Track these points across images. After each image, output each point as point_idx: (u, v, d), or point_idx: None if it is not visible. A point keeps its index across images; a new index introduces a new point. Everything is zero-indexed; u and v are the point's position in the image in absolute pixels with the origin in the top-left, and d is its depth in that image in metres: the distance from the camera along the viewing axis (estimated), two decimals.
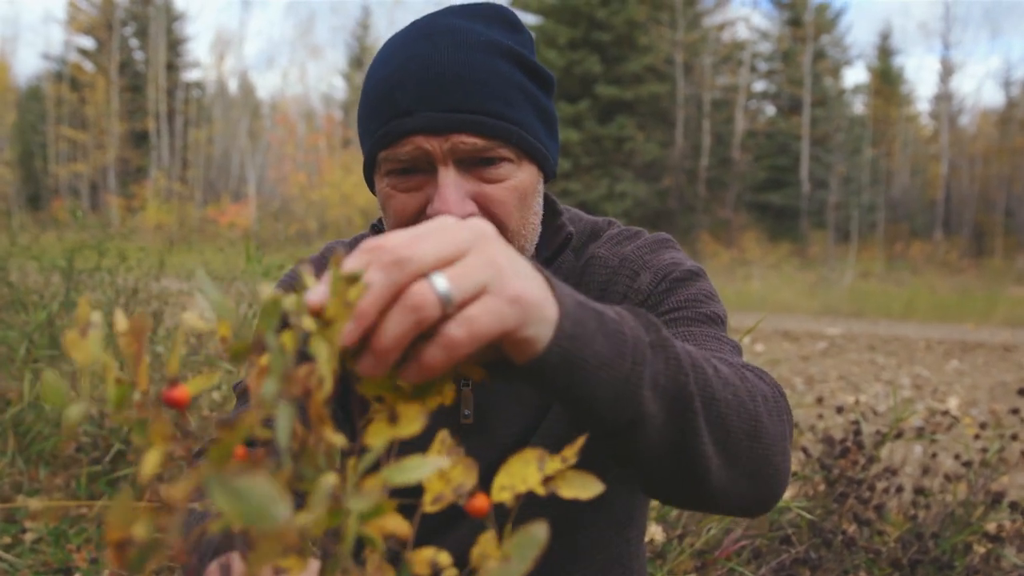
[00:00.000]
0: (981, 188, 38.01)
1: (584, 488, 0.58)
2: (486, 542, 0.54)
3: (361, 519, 0.50)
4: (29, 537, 2.62)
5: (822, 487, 2.69)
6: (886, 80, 39.95)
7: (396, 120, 1.15)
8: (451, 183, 1.15)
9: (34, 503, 2.73)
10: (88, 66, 42.38)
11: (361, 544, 0.52)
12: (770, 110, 38.52)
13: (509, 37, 1.20)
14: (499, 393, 1.33)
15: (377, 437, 0.55)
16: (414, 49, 1.16)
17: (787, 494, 2.80)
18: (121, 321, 0.51)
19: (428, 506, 0.58)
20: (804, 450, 2.83)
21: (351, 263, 0.62)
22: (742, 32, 47.21)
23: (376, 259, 0.62)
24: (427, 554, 0.55)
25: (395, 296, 0.61)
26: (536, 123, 1.21)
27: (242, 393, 1.38)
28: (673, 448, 0.86)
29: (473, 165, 1.17)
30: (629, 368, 0.78)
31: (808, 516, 2.37)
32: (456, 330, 0.62)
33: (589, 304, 0.77)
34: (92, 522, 2.71)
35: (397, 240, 0.63)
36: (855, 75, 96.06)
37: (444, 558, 0.54)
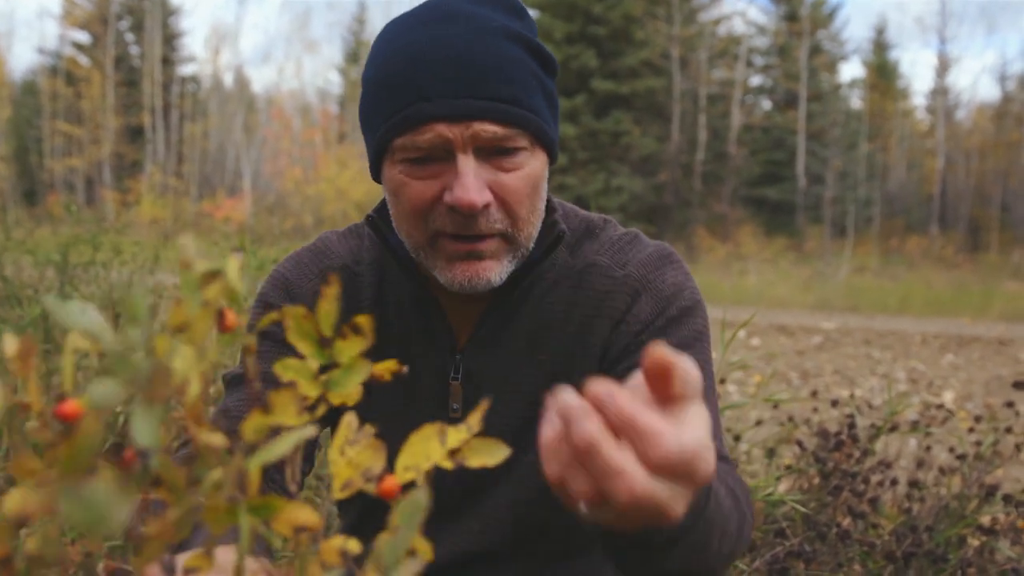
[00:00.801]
0: (977, 183, 38.05)
1: (490, 455, 0.58)
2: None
3: (259, 514, 0.49)
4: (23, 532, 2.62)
5: (816, 480, 2.69)
6: (882, 75, 39.96)
7: (415, 105, 1.13)
8: (471, 171, 1.14)
9: None
10: (83, 60, 42.29)
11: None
12: (766, 105, 38.52)
13: (516, 22, 1.19)
14: (489, 389, 1.33)
15: (254, 430, 0.53)
16: (429, 32, 1.14)
17: (781, 487, 2.80)
18: (10, 344, 0.50)
19: (337, 493, 0.57)
20: (799, 443, 2.83)
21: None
22: (738, 27, 47.26)
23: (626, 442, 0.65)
24: (336, 543, 0.54)
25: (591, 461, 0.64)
26: (546, 110, 1.20)
27: (230, 382, 1.37)
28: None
29: (491, 154, 1.16)
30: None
31: (802, 509, 2.37)
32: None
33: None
34: None
35: (653, 429, 0.64)
36: (851, 70, 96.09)
37: (354, 545, 0.53)
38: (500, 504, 1.36)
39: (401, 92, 1.14)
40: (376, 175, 1.26)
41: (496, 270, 1.21)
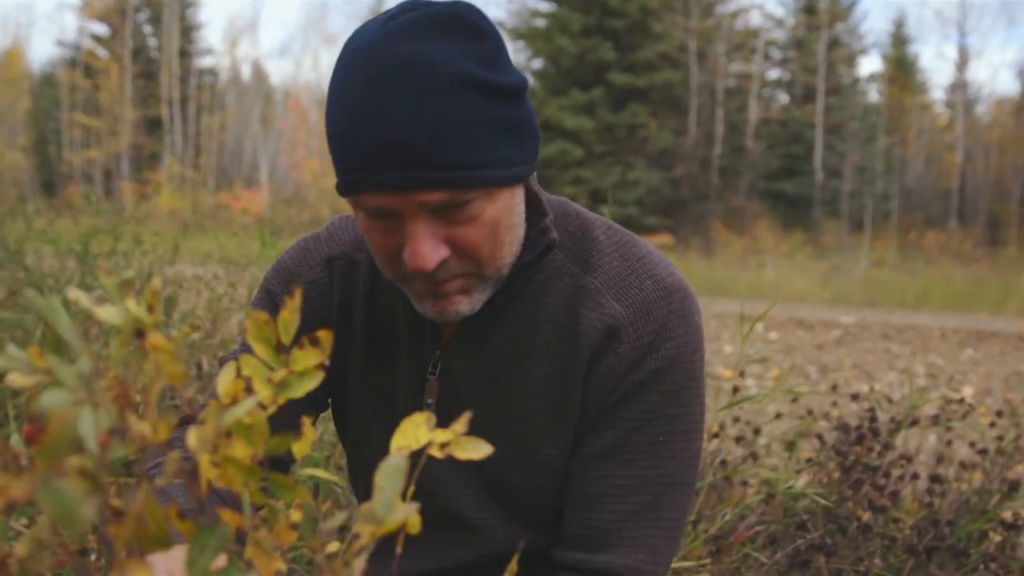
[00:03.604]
0: (996, 177, 37.78)
1: (475, 450, 0.68)
2: None
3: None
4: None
5: (836, 474, 2.69)
6: (901, 68, 39.70)
7: (356, 174, 1.09)
8: (421, 235, 1.11)
9: None
10: (102, 53, 42.42)
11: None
12: (784, 98, 38.34)
13: (467, 51, 1.09)
14: (468, 389, 1.32)
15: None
16: (372, 89, 1.06)
17: (801, 480, 2.80)
18: None
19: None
20: (819, 437, 2.83)
21: None
22: (756, 20, 46.99)
23: None
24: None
25: None
26: (506, 145, 1.13)
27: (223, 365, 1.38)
28: None
29: (443, 210, 1.11)
30: None
31: (823, 502, 2.37)
32: None
33: None
34: None
35: None
36: (870, 64, 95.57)
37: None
38: (475, 520, 1.36)
39: (344, 154, 1.10)
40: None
41: (466, 303, 1.20)
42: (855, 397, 3.17)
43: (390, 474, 0.59)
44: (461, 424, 0.67)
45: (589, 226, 1.32)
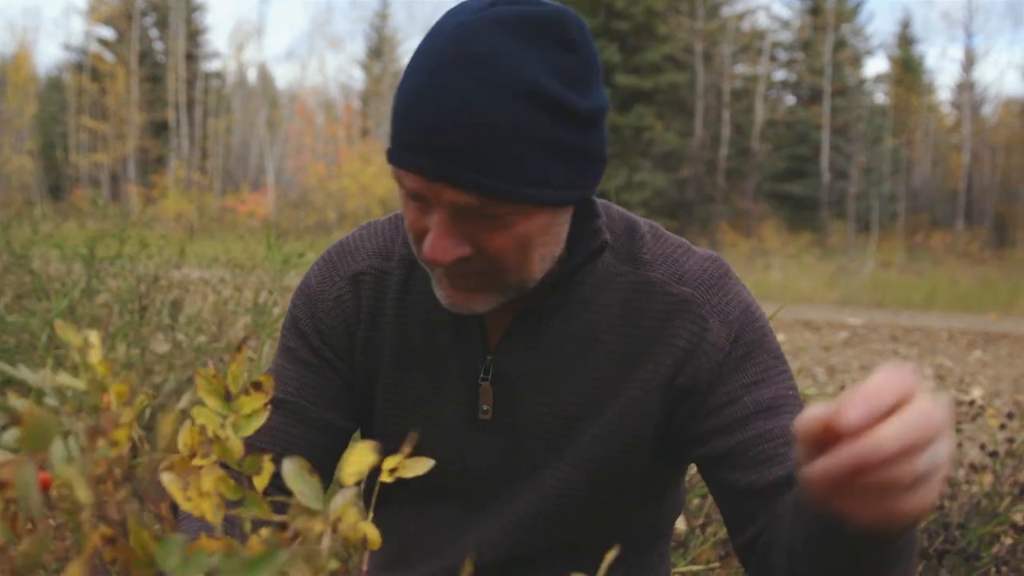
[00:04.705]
0: (1003, 178, 37.73)
1: (418, 467, 0.75)
2: None
3: None
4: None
5: None
6: (907, 69, 39.67)
7: (396, 149, 1.09)
8: (443, 229, 1.09)
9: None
10: (108, 56, 42.58)
11: None
12: (790, 100, 38.33)
13: (550, 63, 1.07)
14: (522, 392, 1.29)
15: None
16: (437, 75, 1.06)
17: None
18: None
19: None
20: None
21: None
22: (762, 21, 46.94)
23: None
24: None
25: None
26: (558, 168, 1.10)
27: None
28: None
29: (471, 214, 1.09)
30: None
31: None
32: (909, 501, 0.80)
33: None
34: None
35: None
36: (876, 65, 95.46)
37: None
38: (525, 515, 1.32)
39: (396, 128, 1.10)
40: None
41: (482, 301, 1.18)
42: None
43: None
44: (408, 447, 0.73)
45: (635, 225, 1.32)
